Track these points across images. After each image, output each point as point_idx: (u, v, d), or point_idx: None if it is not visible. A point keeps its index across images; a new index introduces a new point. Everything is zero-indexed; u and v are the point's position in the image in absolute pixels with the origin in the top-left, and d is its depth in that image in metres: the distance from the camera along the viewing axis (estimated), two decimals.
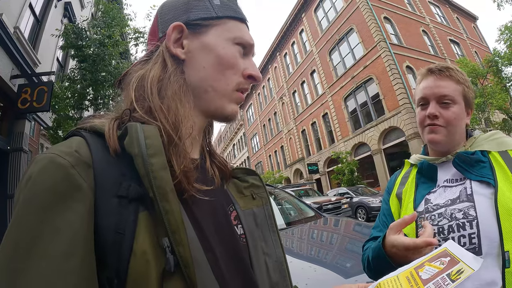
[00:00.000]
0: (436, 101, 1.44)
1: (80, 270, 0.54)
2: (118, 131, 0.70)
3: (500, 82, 21.95)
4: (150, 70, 0.80)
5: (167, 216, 0.60)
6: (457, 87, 1.44)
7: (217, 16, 0.83)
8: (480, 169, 1.35)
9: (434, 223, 1.36)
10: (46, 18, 10.94)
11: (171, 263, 0.58)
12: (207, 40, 0.82)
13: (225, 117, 0.85)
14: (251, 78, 0.86)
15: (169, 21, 0.83)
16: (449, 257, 0.92)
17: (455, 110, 1.43)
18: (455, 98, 1.43)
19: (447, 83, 1.44)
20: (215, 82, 0.81)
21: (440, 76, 1.46)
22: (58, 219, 0.55)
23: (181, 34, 0.82)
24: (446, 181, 1.45)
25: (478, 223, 1.25)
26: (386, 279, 0.89)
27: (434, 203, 1.42)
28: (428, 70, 1.51)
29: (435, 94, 1.45)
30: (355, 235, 4.24)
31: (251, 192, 0.98)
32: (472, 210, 1.28)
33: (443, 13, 35.38)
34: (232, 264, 0.75)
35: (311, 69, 34.77)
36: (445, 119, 1.43)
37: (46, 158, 0.60)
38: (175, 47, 0.82)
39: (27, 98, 8.59)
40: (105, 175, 0.63)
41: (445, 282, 0.81)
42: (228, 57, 0.82)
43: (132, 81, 0.79)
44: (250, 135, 56.96)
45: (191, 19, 0.82)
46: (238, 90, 0.85)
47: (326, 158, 32.90)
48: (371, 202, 16.69)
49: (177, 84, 0.78)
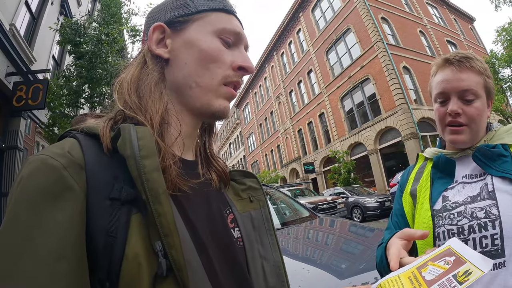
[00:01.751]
0: (458, 97, 1.30)
1: (71, 272, 0.54)
2: (111, 132, 0.69)
3: (497, 83, 22.09)
4: (130, 72, 0.81)
5: (159, 219, 0.59)
6: (479, 79, 1.30)
7: (197, 11, 0.81)
8: (502, 164, 1.24)
9: (453, 223, 1.24)
10: (42, 15, 10.88)
11: (163, 267, 0.58)
12: (188, 36, 0.80)
13: (212, 113, 0.82)
14: (242, 69, 0.84)
15: (152, 23, 0.83)
16: (454, 256, 0.88)
17: (478, 105, 1.29)
18: (477, 92, 1.29)
19: (468, 76, 1.29)
20: (198, 78, 0.79)
21: (460, 68, 1.30)
22: (49, 220, 0.55)
23: (163, 34, 0.82)
24: (465, 177, 1.33)
25: (501, 222, 1.14)
26: (387, 279, 0.86)
27: (452, 200, 1.30)
28: (446, 61, 1.34)
29: (456, 89, 1.30)
30: (350, 236, 4.24)
31: (249, 195, 0.97)
32: (494, 209, 1.17)
33: (441, 14, 35.51)
34: (227, 268, 0.74)
35: (308, 69, 34.82)
36: (469, 117, 1.29)
37: (38, 159, 0.60)
38: (158, 48, 0.81)
39: (22, 95, 8.56)
40: (98, 177, 0.62)
41: (452, 284, 0.77)
42: (211, 50, 0.79)
43: (115, 84, 0.81)
44: (247, 134, 57.06)
45: (172, 17, 0.81)
46: (226, 84, 0.82)
47: (322, 157, 33.01)
48: (367, 202, 16.75)
49: (152, 81, 0.77)
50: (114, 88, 0.81)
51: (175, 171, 0.70)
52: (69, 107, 10.27)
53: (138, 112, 0.74)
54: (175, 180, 0.70)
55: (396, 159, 25.19)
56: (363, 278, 2.51)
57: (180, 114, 0.80)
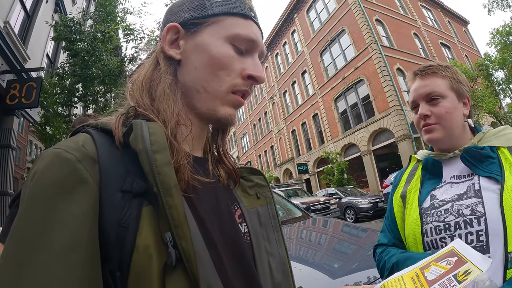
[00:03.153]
0: (425, 101, 1.43)
1: (84, 262, 0.55)
2: (123, 127, 0.70)
3: (490, 86, 22.21)
4: (142, 73, 0.81)
5: (170, 211, 0.60)
6: (443, 81, 1.43)
7: (213, 14, 0.79)
8: (489, 165, 1.30)
9: (440, 220, 1.31)
10: (36, 13, 10.83)
11: (172, 257, 0.58)
12: (200, 39, 0.79)
13: (217, 119, 0.81)
14: (252, 79, 0.82)
15: (168, 22, 0.82)
16: (456, 256, 0.90)
17: (444, 104, 1.40)
18: (442, 93, 1.41)
19: (430, 81, 1.44)
20: (206, 83, 0.78)
21: (423, 76, 1.46)
22: (64, 212, 0.56)
23: (177, 35, 0.81)
24: (453, 177, 1.40)
25: (486, 220, 1.19)
26: (390, 280, 0.88)
27: (440, 198, 1.37)
28: (413, 74, 1.51)
29: (421, 95, 1.44)
30: (343, 236, 4.26)
31: (256, 191, 0.97)
32: (480, 206, 1.23)
33: (435, 16, 35.68)
34: (235, 262, 0.75)
35: (302, 70, 34.84)
36: (437, 116, 1.40)
37: (53, 153, 0.61)
38: (170, 48, 0.81)
39: (15, 94, 8.52)
40: (110, 170, 0.63)
41: (451, 283, 0.79)
42: (221, 56, 0.78)
43: (127, 85, 0.81)
44: (240, 134, 56.85)
45: (187, 18, 0.80)
46: (234, 92, 0.81)
47: (316, 158, 33.03)
48: (360, 203, 16.76)
49: (166, 84, 0.77)
50: (126, 89, 0.82)
51: (188, 170, 0.71)
52: (63, 106, 10.21)
53: (151, 113, 0.74)
54: (188, 178, 0.71)
55: (390, 160, 25.26)
56: (355, 278, 2.54)
57: (189, 114, 0.80)
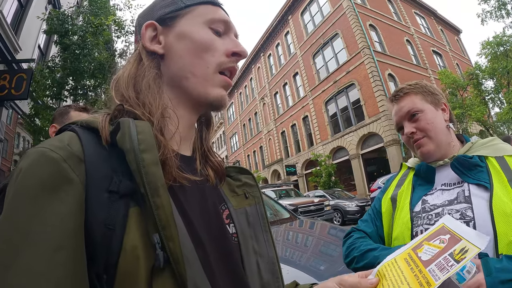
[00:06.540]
0: (407, 120, 1.56)
1: (69, 262, 0.54)
2: (110, 126, 0.69)
3: (480, 94, 22.45)
4: (127, 69, 0.83)
5: (157, 211, 0.59)
6: (415, 97, 1.56)
7: (185, 6, 0.84)
8: (477, 173, 1.38)
9: (431, 223, 1.36)
10: (30, 4, 10.68)
11: (160, 260, 0.58)
12: (180, 29, 0.83)
13: (210, 102, 0.83)
14: (236, 55, 0.86)
15: (143, 23, 0.85)
16: (448, 234, 0.87)
17: (424, 116, 1.52)
18: (419, 108, 1.53)
19: (405, 102, 1.57)
20: (193, 68, 0.81)
21: (397, 100, 1.60)
22: (48, 212, 0.55)
23: (155, 31, 0.85)
24: (443, 185, 1.48)
25: (475, 224, 1.25)
26: (384, 264, 0.85)
27: (431, 203, 1.44)
28: (390, 100, 1.66)
29: (402, 115, 1.57)
30: (329, 238, 4.28)
31: (244, 191, 0.97)
32: (469, 211, 1.30)
33: (428, 24, 35.96)
34: (222, 263, 0.75)
35: (294, 72, 34.82)
36: (421, 129, 1.51)
37: (38, 152, 0.60)
38: (152, 44, 0.84)
39: (5, 85, 8.37)
40: (97, 170, 0.62)
41: (449, 263, 0.75)
42: (203, 39, 0.82)
43: (112, 81, 0.83)
44: (230, 134, 56.62)
45: (162, 14, 0.85)
46: (221, 73, 0.84)
47: (304, 160, 33.07)
48: (347, 206, 16.85)
49: (150, 77, 0.79)
50: (111, 85, 0.82)
51: (175, 164, 0.71)
52: (52, 99, 10.10)
53: (136, 107, 0.75)
54: (174, 172, 0.71)
55: (378, 165, 25.41)
56: None
57: (177, 109, 0.80)
